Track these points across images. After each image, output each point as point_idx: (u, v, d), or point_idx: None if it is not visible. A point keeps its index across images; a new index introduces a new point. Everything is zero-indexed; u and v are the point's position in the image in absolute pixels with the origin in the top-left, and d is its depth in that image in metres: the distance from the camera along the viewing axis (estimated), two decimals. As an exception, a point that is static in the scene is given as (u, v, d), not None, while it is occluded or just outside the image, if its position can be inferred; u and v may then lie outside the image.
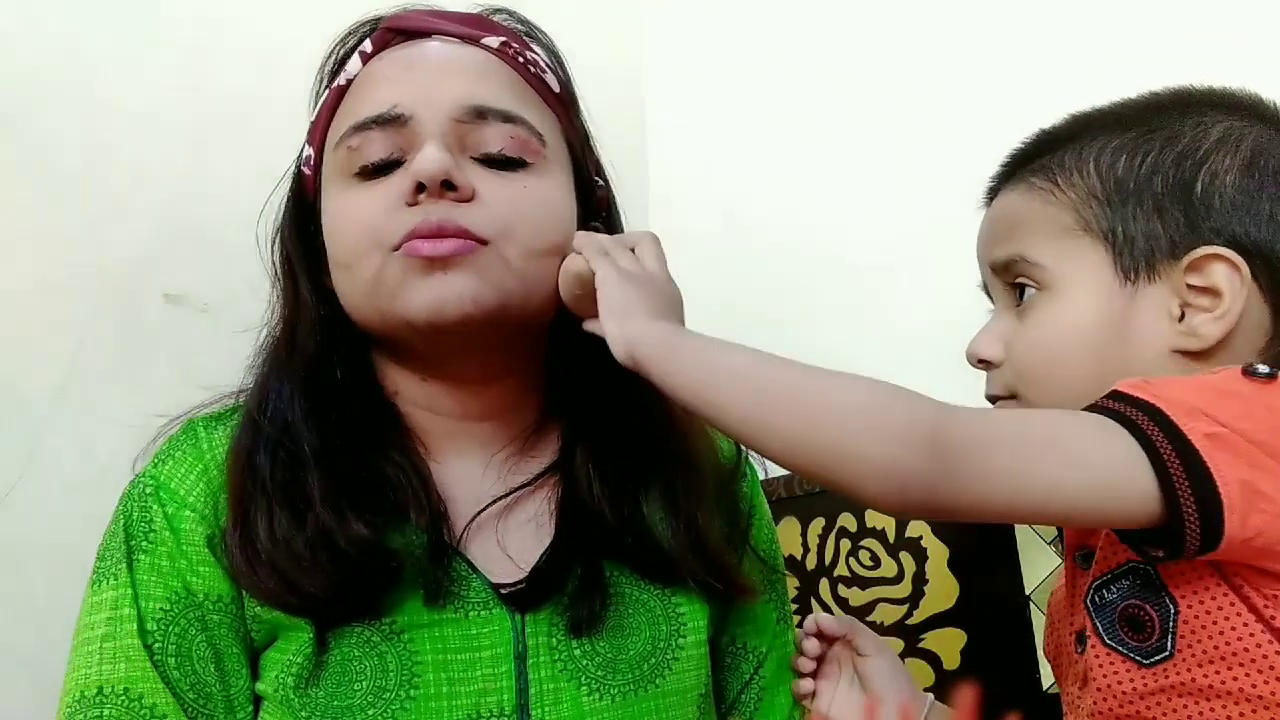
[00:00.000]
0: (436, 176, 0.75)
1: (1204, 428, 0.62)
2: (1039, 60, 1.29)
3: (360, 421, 0.82)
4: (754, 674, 0.93)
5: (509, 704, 0.78)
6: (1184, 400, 0.63)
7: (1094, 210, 0.73)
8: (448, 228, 0.75)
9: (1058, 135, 0.78)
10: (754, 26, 1.60)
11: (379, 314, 0.79)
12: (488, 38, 0.83)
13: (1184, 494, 0.61)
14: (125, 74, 1.19)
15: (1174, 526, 0.61)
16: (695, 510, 0.85)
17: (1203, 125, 0.73)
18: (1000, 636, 1.23)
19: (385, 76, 0.82)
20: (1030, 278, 0.75)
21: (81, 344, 1.15)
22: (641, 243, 0.79)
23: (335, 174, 0.81)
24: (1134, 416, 0.63)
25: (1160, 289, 0.71)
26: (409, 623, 0.77)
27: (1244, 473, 0.61)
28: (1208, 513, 0.61)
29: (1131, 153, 0.73)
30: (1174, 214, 0.71)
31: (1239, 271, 0.70)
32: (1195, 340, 0.70)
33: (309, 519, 0.77)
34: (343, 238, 0.80)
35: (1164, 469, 0.61)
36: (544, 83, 0.85)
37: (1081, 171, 0.74)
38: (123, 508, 0.81)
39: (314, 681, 0.76)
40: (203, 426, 0.83)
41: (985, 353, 0.78)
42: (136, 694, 0.75)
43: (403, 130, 0.78)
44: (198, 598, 0.78)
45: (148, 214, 1.20)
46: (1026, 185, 0.77)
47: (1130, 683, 0.68)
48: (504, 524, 0.83)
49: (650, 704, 0.82)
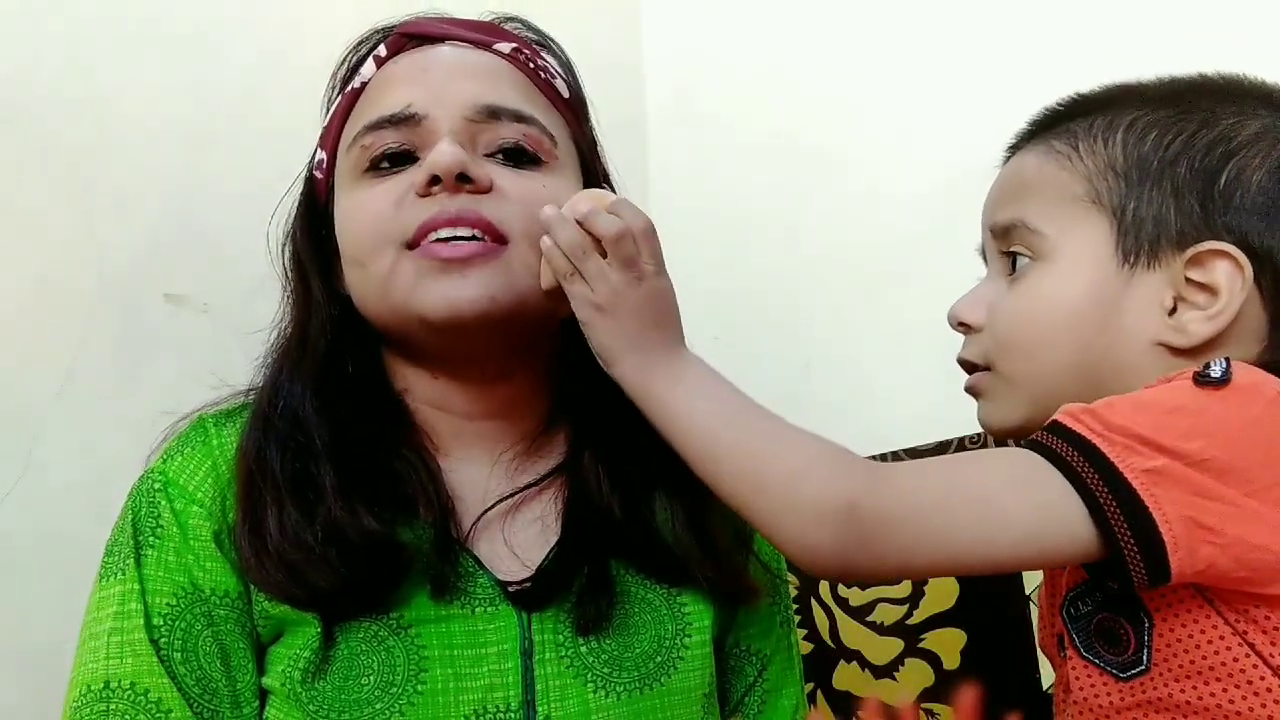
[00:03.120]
0: (452, 169, 0.76)
1: (1143, 463, 0.60)
2: (1040, 60, 1.29)
3: (371, 418, 0.82)
4: (758, 677, 0.93)
5: (515, 700, 0.78)
6: (1125, 428, 0.61)
7: (1109, 183, 0.70)
8: (467, 216, 0.76)
9: (1092, 101, 0.75)
10: (754, 23, 1.60)
11: (392, 311, 0.79)
12: (500, 44, 0.84)
13: (1123, 536, 0.60)
14: (125, 74, 1.19)
15: (1118, 565, 0.60)
16: (704, 511, 0.84)
17: (1243, 117, 0.70)
18: (1000, 636, 1.23)
19: (399, 79, 0.82)
20: (1028, 246, 0.72)
21: (82, 344, 1.15)
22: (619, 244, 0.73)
23: (348, 174, 0.82)
24: (1068, 456, 0.62)
25: (1157, 278, 0.69)
26: (416, 618, 0.78)
27: (1186, 507, 0.59)
28: (1151, 553, 0.59)
29: (1163, 130, 0.70)
30: (1191, 202, 0.68)
31: (1242, 273, 0.67)
32: (1182, 337, 0.68)
33: (320, 512, 0.77)
34: (354, 234, 0.80)
35: (1101, 513, 0.60)
36: (554, 89, 0.86)
37: (1107, 141, 0.71)
38: (131, 503, 0.81)
39: (321, 676, 0.76)
40: (212, 423, 0.84)
41: (967, 316, 0.76)
42: (143, 689, 0.75)
43: (417, 129, 0.79)
44: (204, 593, 0.78)
45: (148, 214, 1.20)
46: (1046, 147, 0.74)
47: (1108, 696, 0.67)
48: (510, 523, 0.83)
49: (655, 702, 0.82)
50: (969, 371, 0.77)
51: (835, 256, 1.46)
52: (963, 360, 0.77)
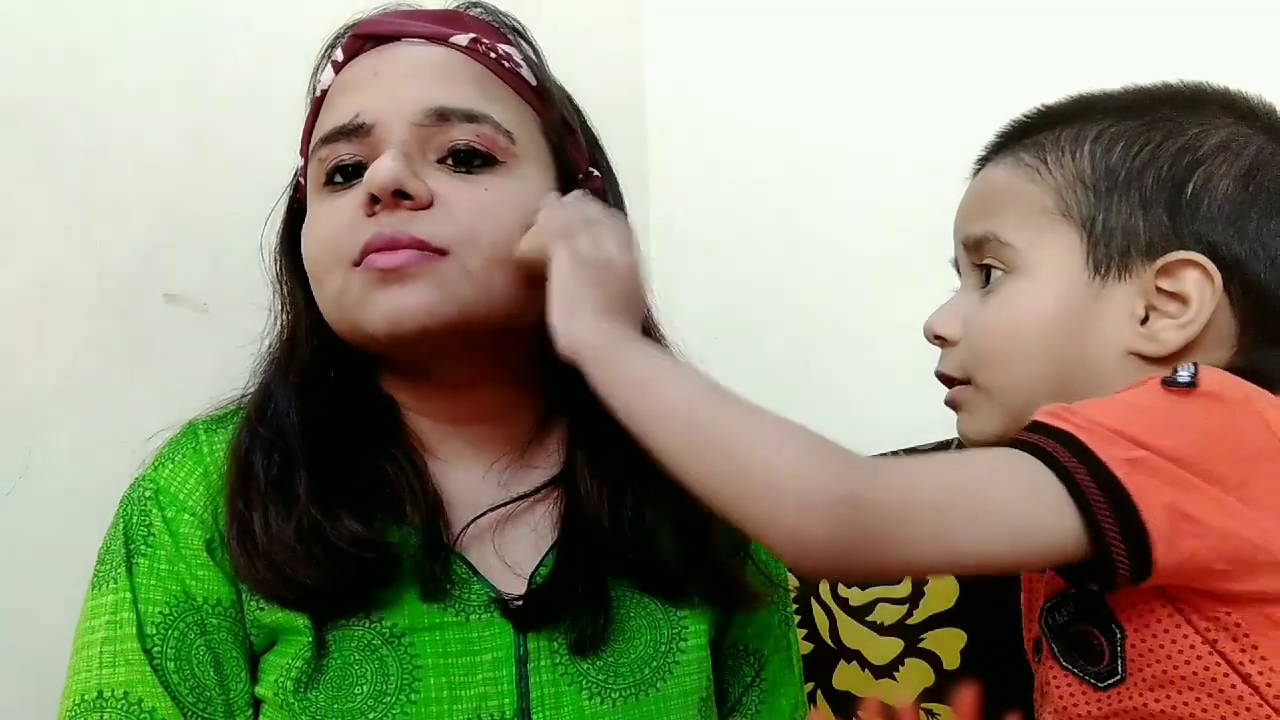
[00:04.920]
0: (387, 187, 0.74)
1: (1122, 453, 0.60)
2: (1040, 60, 1.28)
3: (358, 422, 0.82)
4: (756, 677, 0.93)
5: (510, 708, 0.78)
6: (1102, 423, 0.61)
7: (1077, 196, 0.71)
8: (400, 239, 0.74)
9: (1059, 113, 0.75)
10: (755, 23, 1.60)
11: (349, 327, 0.79)
12: (457, 35, 0.81)
13: (1108, 525, 0.59)
14: (125, 74, 1.19)
15: (1103, 559, 0.60)
16: (701, 522, 0.83)
17: (1208, 125, 0.70)
18: (1000, 636, 1.23)
19: (352, 85, 0.81)
20: (999, 259, 0.73)
21: (81, 344, 1.15)
22: (604, 225, 0.75)
23: (312, 187, 0.81)
24: (1051, 449, 0.61)
25: (1128, 288, 0.69)
26: (409, 626, 0.77)
27: (1168, 495, 0.59)
28: (1134, 542, 0.59)
29: (1129, 141, 0.71)
30: (1158, 212, 0.69)
31: (1211, 282, 0.67)
32: (1154, 345, 0.68)
33: (298, 515, 0.77)
34: (312, 252, 0.80)
35: (1085, 502, 0.59)
36: (518, 76, 0.82)
37: (1075, 154, 0.72)
38: (123, 511, 0.81)
39: (314, 685, 0.76)
40: (203, 429, 0.84)
41: (942, 329, 0.76)
42: (136, 698, 0.75)
43: (367, 139, 0.78)
44: (197, 601, 0.78)
45: (148, 214, 1.19)
46: (1015, 160, 0.74)
47: (1086, 705, 0.67)
48: (502, 532, 0.82)
49: (652, 708, 0.81)
50: (948, 385, 0.77)
51: (835, 256, 1.46)
52: (941, 374, 0.77)
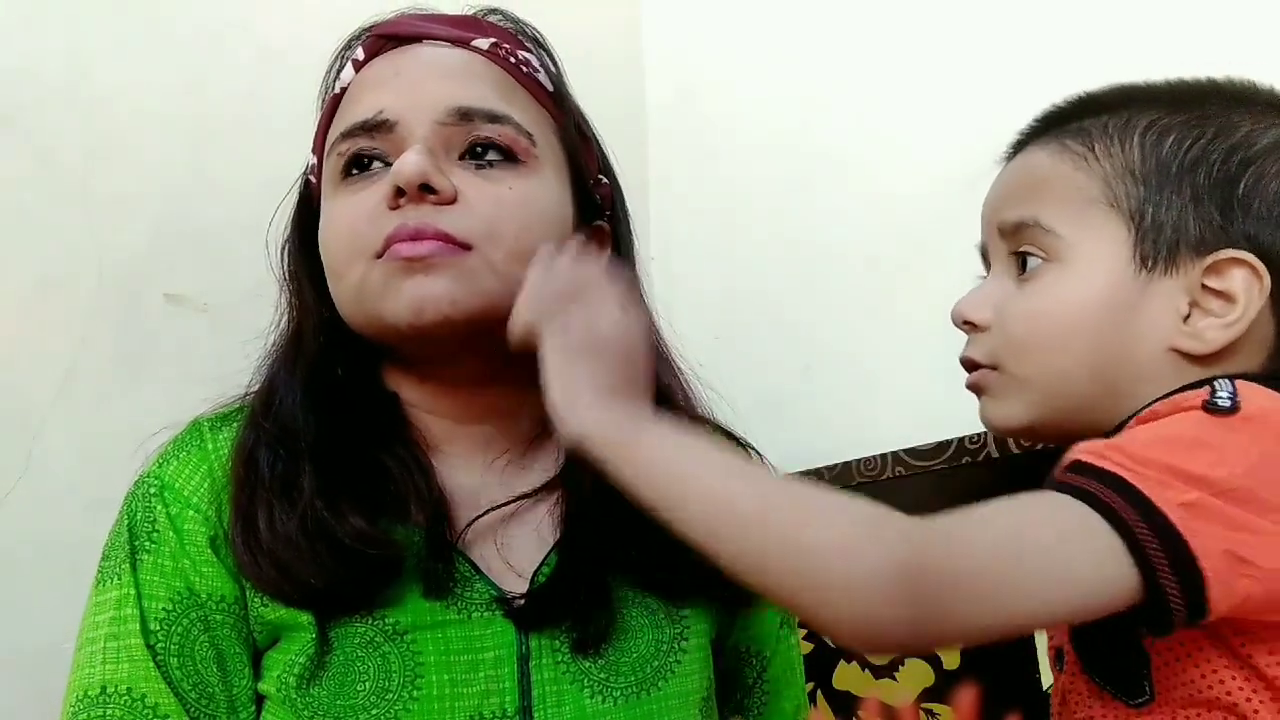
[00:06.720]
0: (414, 180, 0.76)
1: (1177, 496, 0.58)
2: (1040, 60, 1.28)
3: (363, 419, 0.82)
4: (758, 678, 0.93)
5: (511, 706, 0.77)
6: (1154, 461, 0.59)
7: (1126, 187, 0.69)
8: (426, 231, 0.76)
9: (1103, 101, 0.73)
10: (755, 23, 1.60)
11: (367, 319, 0.79)
12: (478, 39, 0.83)
13: (1165, 576, 0.57)
14: (125, 74, 1.19)
15: (1158, 607, 0.58)
16: None
17: (1258, 124, 0.69)
18: (1000, 637, 1.23)
19: (374, 83, 0.82)
20: (1040, 246, 0.71)
21: (81, 344, 1.15)
22: (598, 291, 0.71)
23: (329, 182, 0.82)
24: (1104, 496, 0.59)
25: (1174, 283, 0.68)
26: (412, 623, 0.77)
27: (1224, 541, 0.58)
28: (1191, 589, 0.57)
29: (1181, 135, 0.69)
30: (1210, 209, 0.68)
31: (1260, 282, 0.67)
32: (1197, 343, 0.67)
33: (303, 512, 0.77)
34: (331, 245, 0.81)
35: (1142, 553, 0.57)
36: (536, 82, 0.85)
37: (1124, 144, 0.70)
38: (127, 507, 0.81)
39: (316, 681, 0.76)
40: (208, 426, 0.84)
41: (973, 315, 0.74)
42: (139, 694, 0.75)
43: (389, 136, 0.79)
44: (200, 598, 0.78)
45: (148, 214, 1.20)
46: (1059, 145, 0.72)
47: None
48: (505, 530, 0.82)
49: (653, 707, 0.81)
50: (970, 370, 0.76)
51: (835, 256, 1.46)
52: (966, 359, 0.76)
